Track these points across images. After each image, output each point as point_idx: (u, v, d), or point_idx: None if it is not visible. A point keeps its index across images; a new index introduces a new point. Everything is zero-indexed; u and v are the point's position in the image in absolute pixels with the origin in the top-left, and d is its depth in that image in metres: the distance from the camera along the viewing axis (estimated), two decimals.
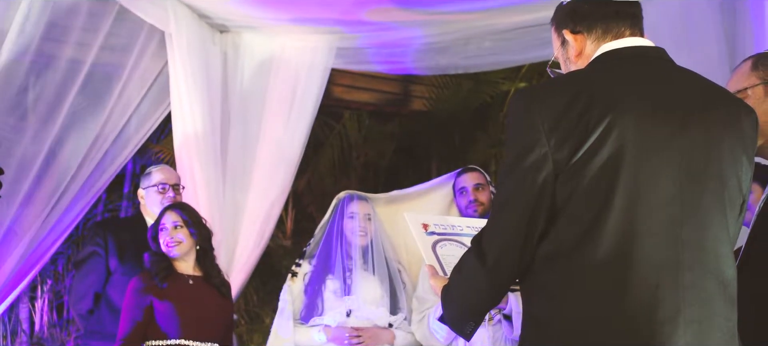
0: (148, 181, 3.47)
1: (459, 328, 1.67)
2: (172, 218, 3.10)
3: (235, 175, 3.89)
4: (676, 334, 1.44)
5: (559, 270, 1.49)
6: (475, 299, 1.61)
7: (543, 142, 1.47)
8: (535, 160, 1.47)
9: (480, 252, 1.55)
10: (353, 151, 5.65)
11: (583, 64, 1.62)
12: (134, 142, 3.84)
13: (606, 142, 1.45)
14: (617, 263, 1.45)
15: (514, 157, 1.51)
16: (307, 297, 3.40)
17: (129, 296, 3.00)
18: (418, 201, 3.70)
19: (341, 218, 3.47)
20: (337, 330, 3.29)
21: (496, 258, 1.53)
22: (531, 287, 1.55)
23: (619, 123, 1.46)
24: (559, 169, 1.47)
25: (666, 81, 1.56)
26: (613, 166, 1.45)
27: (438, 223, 1.99)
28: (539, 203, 1.48)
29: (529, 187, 1.48)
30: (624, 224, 1.45)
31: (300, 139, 3.96)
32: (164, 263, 3.07)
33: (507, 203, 1.52)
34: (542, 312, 1.52)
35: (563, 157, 1.46)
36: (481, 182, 3.48)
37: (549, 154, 1.47)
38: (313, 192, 5.63)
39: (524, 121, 1.51)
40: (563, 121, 1.46)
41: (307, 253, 3.55)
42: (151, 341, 2.98)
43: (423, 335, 3.32)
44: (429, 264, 1.85)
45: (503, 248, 1.52)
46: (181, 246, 3.08)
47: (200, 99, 3.71)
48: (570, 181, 1.47)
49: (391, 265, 3.47)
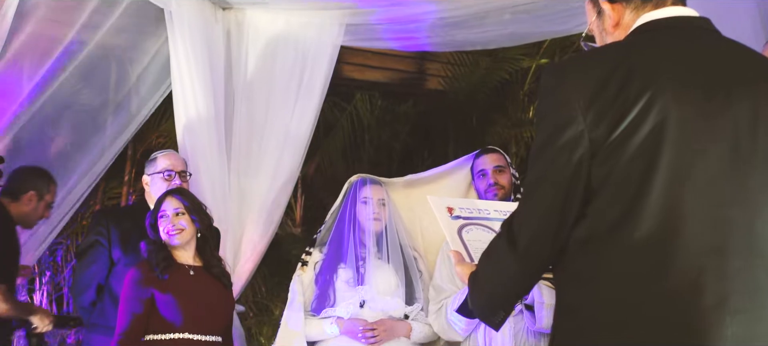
0: (153, 167, 3.46)
1: (488, 317, 1.67)
2: (173, 205, 3.08)
3: (240, 160, 3.89)
4: (722, 324, 1.41)
5: (594, 255, 1.47)
6: (505, 286, 1.60)
7: (578, 119, 1.45)
8: (569, 138, 1.46)
9: (511, 237, 1.54)
10: (365, 133, 5.64)
11: (621, 36, 1.60)
12: (134, 125, 3.83)
13: (646, 118, 1.43)
14: (657, 247, 1.43)
15: (547, 135, 1.49)
16: (318, 288, 3.40)
17: (127, 288, 2.99)
18: (434, 185, 3.69)
19: (353, 203, 3.46)
20: (349, 322, 3.28)
21: (527, 243, 1.52)
22: (564, 274, 1.54)
23: (660, 98, 1.44)
24: (596, 148, 1.45)
25: (711, 52, 1.53)
26: (654, 143, 1.43)
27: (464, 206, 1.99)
28: (574, 185, 1.46)
29: (563, 167, 1.46)
30: (665, 205, 1.43)
31: (309, 121, 3.95)
32: (164, 252, 3.06)
33: (539, 185, 1.51)
34: (576, 300, 1.50)
35: (600, 136, 1.44)
36: (502, 164, 3.46)
37: (585, 132, 1.45)
38: (324, 177, 5.62)
39: (557, 96, 1.49)
40: (600, 96, 1.44)
41: (318, 241, 3.55)
42: (152, 335, 2.96)
43: (440, 327, 3.31)
44: (454, 250, 1.84)
45: (535, 232, 1.51)
46: (183, 234, 3.07)
47: (203, 80, 3.70)
48: (607, 160, 1.44)
49: (407, 252, 3.46)
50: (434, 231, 3.51)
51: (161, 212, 3.08)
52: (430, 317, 3.35)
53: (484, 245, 1.67)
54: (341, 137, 5.65)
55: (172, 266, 3.04)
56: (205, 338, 3.01)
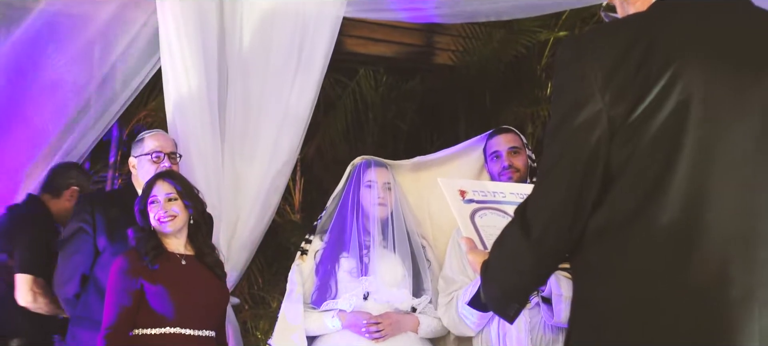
0: (141, 148, 3.46)
1: (501, 310, 1.67)
2: (165, 189, 3.08)
3: (234, 141, 3.88)
4: (750, 317, 1.41)
5: (613, 245, 1.47)
6: (518, 277, 1.60)
7: (596, 97, 1.45)
8: (587, 118, 1.46)
9: (524, 224, 1.54)
10: (369, 112, 5.63)
11: (643, 7, 1.59)
12: (120, 103, 3.82)
13: (669, 96, 1.43)
14: (680, 235, 1.43)
15: (563, 115, 1.49)
16: (319, 278, 3.41)
17: (114, 279, 2.99)
18: (443, 168, 3.69)
19: (357, 187, 3.46)
20: (352, 316, 3.29)
21: (542, 231, 1.52)
22: (581, 265, 1.54)
23: (684, 74, 1.43)
24: (615, 128, 1.45)
25: (739, 25, 1.52)
26: (678, 124, 1.43)
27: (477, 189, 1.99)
28: (592, 168, 1.46)
29: (580, 149, 1.46)
30: (689, 190, 1.43)
31: (308, 99, 3.93)
32: (154, 240, 3.06)
33: (555, 168, 1.50)
34: (594, 293, 1.50)
35: (620, 115, 1.44)
36: (517, 145, 3.46)
37: (603, 111, 1.45)
38: (325, 159, 5.62)
39: (574, 73, 1.48)
40: (620, 72, 1.44)
41: (319, 228, 3.56)
42: (141, 329, 2.96)
43: (451, 321, 3.32)
44: (467, 236, 1.84)
45: (551, 219, 1.51)
46: (175, 221, 3.07)
47: (194, 54, 3.69)
48: (628, 142, 1.44)
49: (414, 240, 3.47)
50: (444, 217, 3.52)
51: (152, 197, 3.08)
52: (439, 310, 3.36)
53: (498, 231, 1.67)
54: (343, 117, 5.63)
55: (163, 255, 3.04)
56: (198, 332, 3.01)
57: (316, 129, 5.39)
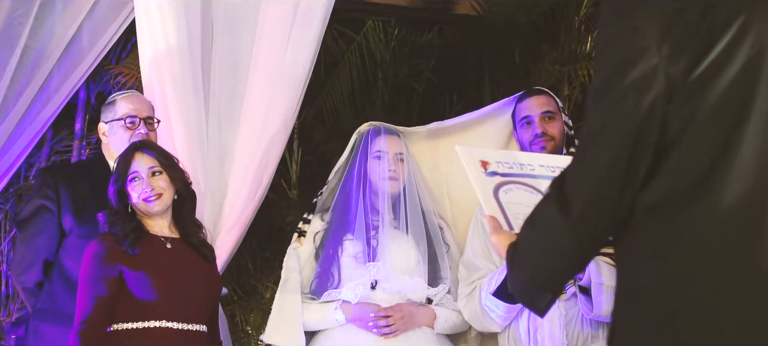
0: (112, 112, 3.47)
1: (531, 301, 1.69)
2: (146, 162, 3.08)
3: (221, 104, 3.89)
4: None
5: (667, 225, 1.47)
6: (552, 262, 1.61)
7: (651, 51, 1.44)
8: (640, 75, 1.45)
9: (562, 199, 1.54)
10: (378, 70, 5.61)
11: None
12: (88, 60, 3.82)
13: (738, 50, 1.42)
14: (748, 213, 1.42)
15: (610, 73, 1.48)
16: (319, 265, 3.43)
17: (88, 265, 2.99)
18: (465, 135, 3.70)
19: (364, 158, 3.47)
20: (358, 308, 3.30)
21: (583, 209, 1.52)
22: (629, 248, 1.53)
23: (755, 25, 1.43)
24: (673, 88, 1.44)
25: None
26: (747, 83, 1.42)
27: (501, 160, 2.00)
28: (645, 135, 1.46)
29: (631, 112, 1.46)
30: (759, 161, 1.43)
31: (307, 55, 3.93)
32: (133, 222, 3.06)
33: (600, 135, 1.50)
34: (643, 281, 1.49)
35: (679, 72, 1.43)
36: (551, 109, 3.46)
37: (660, 67, 1.44)
38: (326, 126, 5.62)
39: (624, 23, 1.48)
40: (679, 22, 1.44)
41: (319, 206, 3.57)
42: (121, 324, 2.97)
43: (473, 314, 3.33)
44: (489, 215, 1.85)
45: (594, 194, 1.51)
46: (163, 198, 3.08)
47: (173, 3, 3.68)
48: (687, 104, 1.44)
49: (430, 220, 3.48)
50: (465, 193, 3.52)
51: (133, 173, 3.07)
52: (459, 302, 3.37)
53: (527, 209, 1.66)
54: (348, 76, 5.61)
55: (144, 238, 3.05)
56: (188, 326, 3.02)
57: (317, 91, 5.38)
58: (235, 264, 4.86)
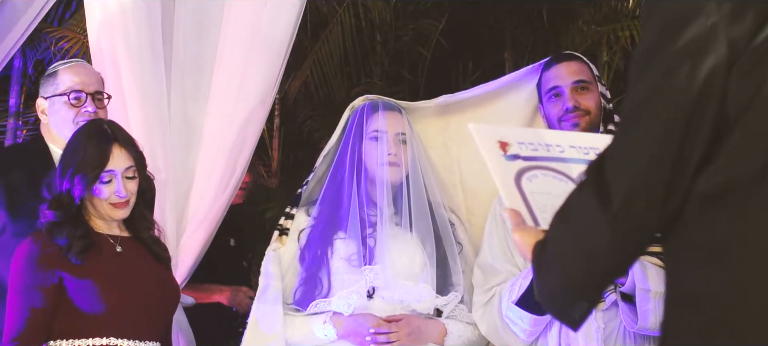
0: (53, 86, 3.49)
1: (562, 311, 1.70)
2: (124, 161, 3.06)
3: (185, 75, 3.90)
4: None
5: (729, 218, 1.48)
6: (589, 264, 1.62)
7: (710, 8, 1.45)
8: (696, 37, 1.46)
9: (601, 189, 1.55)
10: (377, 34, 5.63)
11: None
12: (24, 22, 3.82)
13: None
14: None
15: (660, 34, 1.50)
16: (305, 269, 3.44)
17: (20, 271, 3.00)
18: (481, 111, 3.71)
19: (358, 139, 3.47)
20: (352, 321, 3.31)
21: (626, 200, 1.53)
22: (681, 247, 1.54)
23: None
24: (736, 54, 1.45)
25: None
26: None
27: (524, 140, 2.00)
28: (701, 110, 1.47)
29: (685, 83, 1.47)
30: None
31: (290, 16, 3.92)
32: (83, 227, 3.05)
33: (647, 110, 1.51)
34: (699, 285, 1.51)
35: (742, 34, 1.45)
36: (585, 78, 3.45)
37: (720, 27, 1.45)
38: (313, 101, 5.64)
39: None
40: None
41: (304, 198, 3.58)
42: (60, 341, 2.98)
43: (491, 328, 3.34)
44: (510, 208, 1.85)
45: (639, 182, 1.52)
46: (129, 205, 3.11)
47: None
48: (752, 73, 1.45)
49: (439, 215, 3.49)
50: (481, 181, 3.54)
51: (108, 172, 3.04)
52: (474, 313, 3.38)
53: (555, 200, 1.69)
54: (340, 40, 5.63)
55: (92, 246, 3.04)
56: (139, 344, 3.04)
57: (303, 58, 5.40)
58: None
